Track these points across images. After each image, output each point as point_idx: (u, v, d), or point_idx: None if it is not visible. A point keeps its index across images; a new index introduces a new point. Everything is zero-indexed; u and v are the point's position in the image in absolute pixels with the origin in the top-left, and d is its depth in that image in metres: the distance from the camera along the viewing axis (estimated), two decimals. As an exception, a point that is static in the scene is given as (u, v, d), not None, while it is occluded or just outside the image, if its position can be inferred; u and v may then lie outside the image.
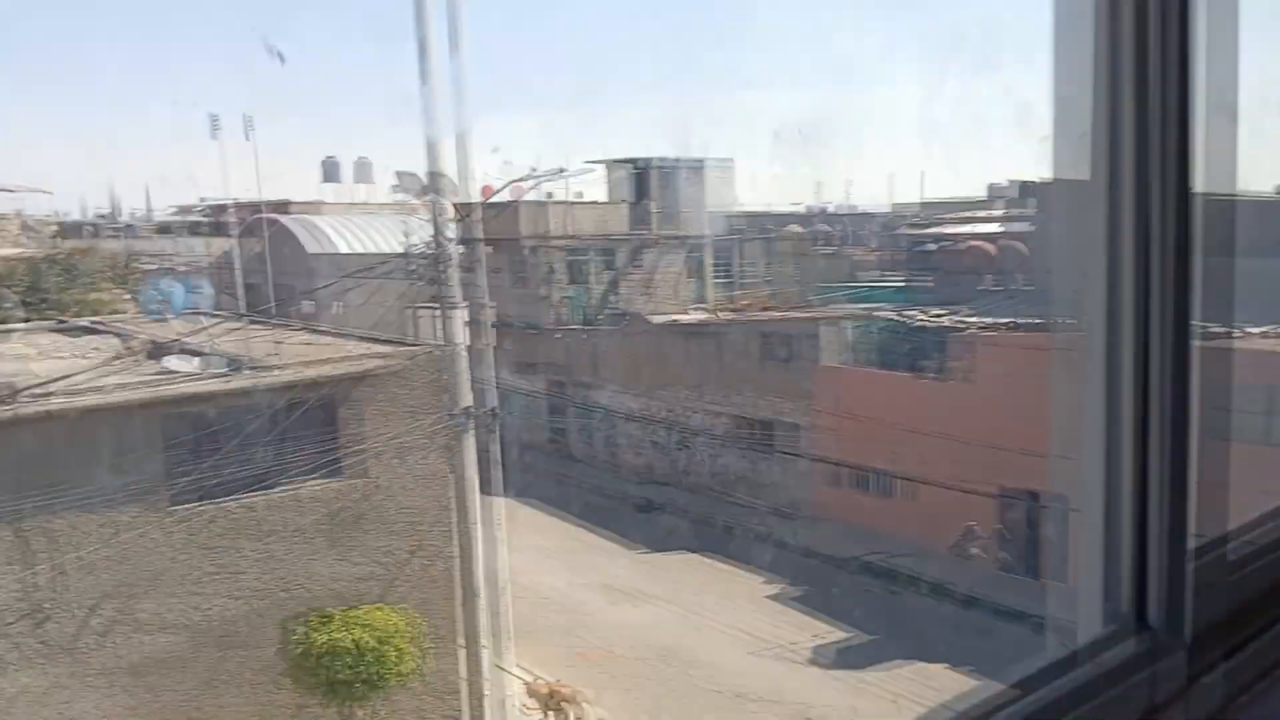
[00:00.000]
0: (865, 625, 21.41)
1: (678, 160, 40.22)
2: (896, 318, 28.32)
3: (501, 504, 28.69)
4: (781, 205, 49.28)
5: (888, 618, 22.03)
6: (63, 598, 13.03)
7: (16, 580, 12.65)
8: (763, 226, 48.62)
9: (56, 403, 12.94)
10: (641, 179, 40.16)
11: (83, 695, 13.24)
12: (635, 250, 38.80)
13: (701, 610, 22.51)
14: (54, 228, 54.57)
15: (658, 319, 34.32)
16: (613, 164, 40.71)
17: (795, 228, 49.44)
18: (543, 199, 37.43)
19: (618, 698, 18.54)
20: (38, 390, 12.96)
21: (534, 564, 25.21)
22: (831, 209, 55.92)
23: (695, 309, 38.79)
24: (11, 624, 12.66)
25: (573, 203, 40.52)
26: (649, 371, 33.22)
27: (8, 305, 28.51)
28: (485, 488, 15.69)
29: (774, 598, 22.93)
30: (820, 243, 47.31)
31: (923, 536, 24.98)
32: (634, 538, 27.38)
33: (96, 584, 13.28)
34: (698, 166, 40.72)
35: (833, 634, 21.09)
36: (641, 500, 30.51)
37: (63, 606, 13.04)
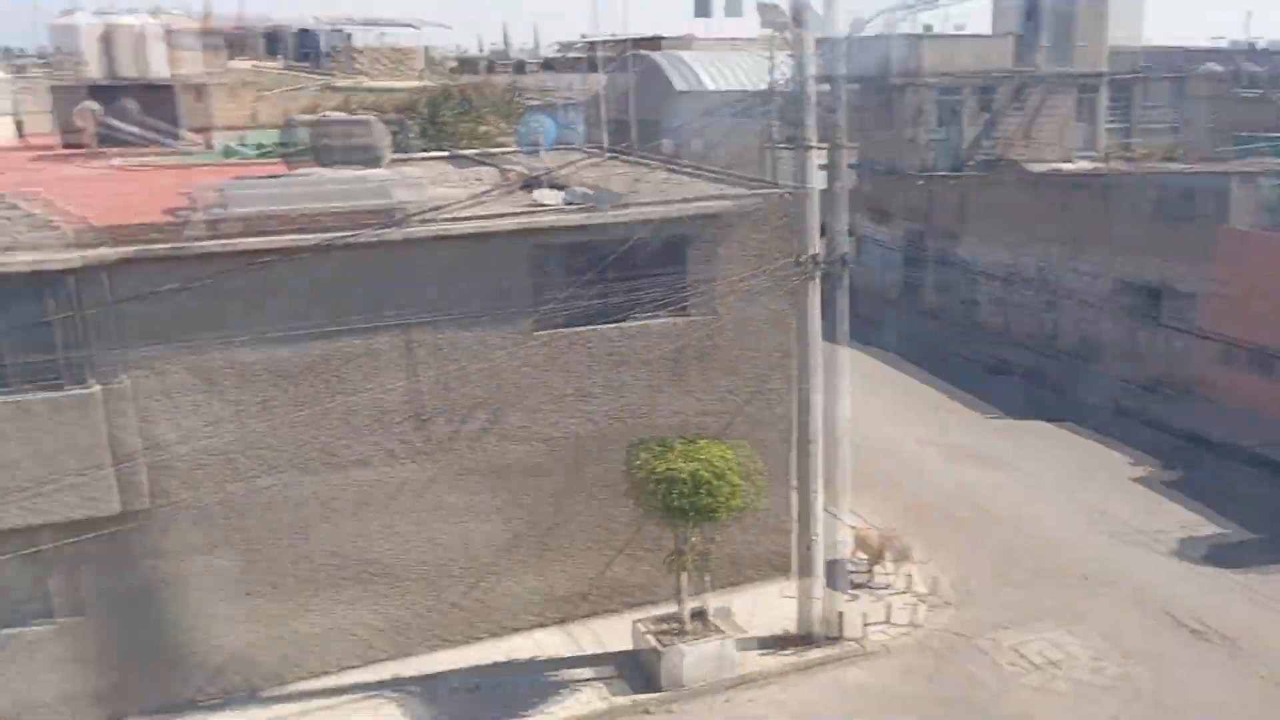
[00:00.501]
0: (1250, 522, 19.16)
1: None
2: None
3: (846, 353, 28.43)
4: (1198, 40, 42.72)
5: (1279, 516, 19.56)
6: (442, 404, 14.53)
7: (405, 386, 14.22)
8: (1172, 64, 42.65)
9: (441, 228, 14.08)
10: (1032, 8, 36.28)
11: (454, 490, 14.87)
12: (1017, 90, 35.54)
13: (1053, 482, 21.21)
14: (453, 63, 59.19)
15: (1037, 167, 31.50)
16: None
17: (1213, 66, 43.05)
18: (917, 31, 35.04)
19: (952, 559, 18.09)
20: (427, 215, 14.14)
21: (875, 416, 24.80)
22: (1261, 45, 48.14)
23: (1082, 157, 35.18)
24: (399, 423, 14.32)
25: (951, 36, 37.59)
26: (1020, 225, 30.75)
27: (411, 135, 31.45)
28: (831, 335, 15.36)
29: (1140, 480, 21.10)
30: (1243, 85, 41.02)
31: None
32: (984, 400, 26.12)
33: (470, 395, 14.67)
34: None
35: (1208, 528, 19.09)
36: (996, 361, 28.83)
37: (441, 412, 14.56)
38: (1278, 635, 15.55)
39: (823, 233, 15.12)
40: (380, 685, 14.47)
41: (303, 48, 41.88)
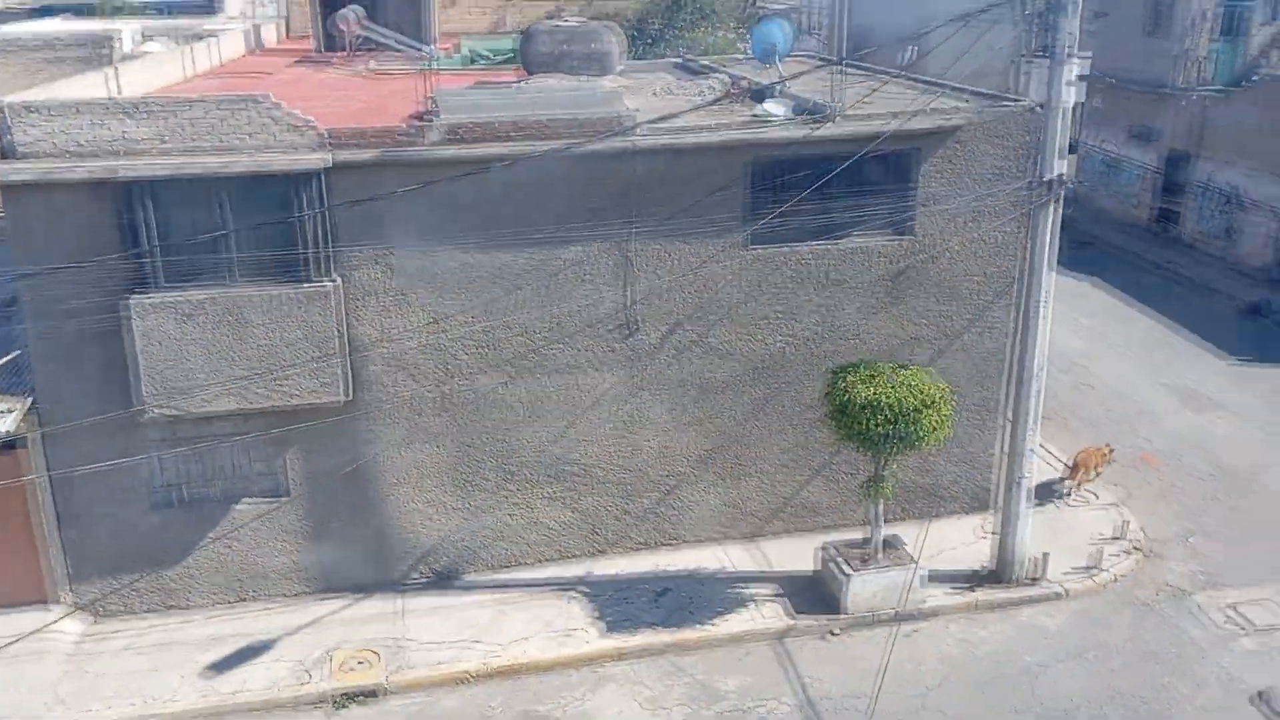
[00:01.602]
0: None
1: None
2: None
3: (1082, 286, 26.70)
4: None
5: None
6: (650, 315, 14.85)
7: (616, 295, 14.60)
8: None
9: (665, 139, 14.17)
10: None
11: (657, 400, 15.26)
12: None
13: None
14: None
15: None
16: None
17: None
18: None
19: (1175, 509, 16.97)
20: (654, 124, 14.26)
21: (1112, 353, 23.38)
22: None
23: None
24: (609, 331, 14.77)
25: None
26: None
27: (647, 42, 31.52)
28: (1063, 265, 14.46)
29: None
30: None
31: None
32: (1234, 342, 23.86)
33: (679, 308, 14.89)
34: None
35: None
36: (1255, 301, 26.15)
37: (650, 322, 14.88)
38: None
39: (1073, 150, 14.12)
40: (572, 581, 15.27)
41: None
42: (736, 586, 15.07)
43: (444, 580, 15.31)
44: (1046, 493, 17.00)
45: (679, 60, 23.77)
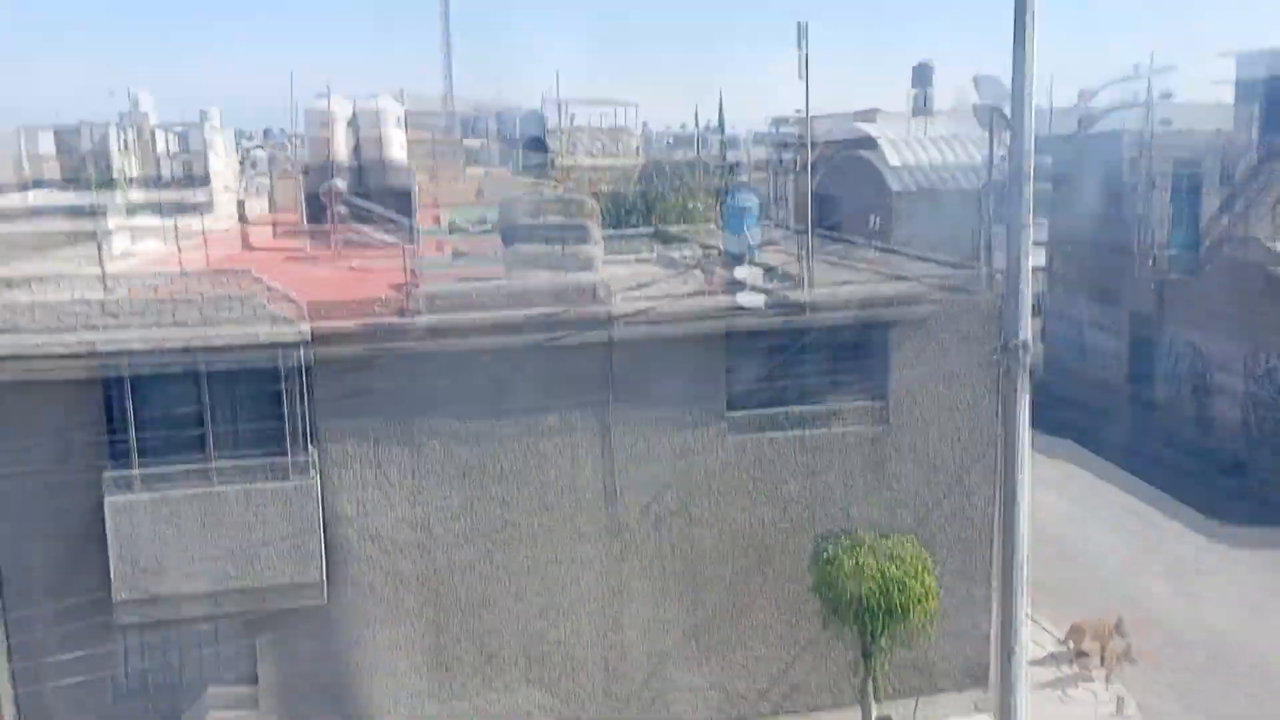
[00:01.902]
0: None
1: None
2: None
3: (1058, 448, 26.81)
4: None
5: None
6: (632, 486, 14.74)
7: (598, 466, 14.53)
8: None
9: (639, 307, 14.42)
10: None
11: (639, 573, 14.97)
12: (1261, 164, 32.90)
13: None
14: (669, 139, 60.84)
15: (1274, 249, 28.89)
16: (1246, 59, 34.67)
17: None
18: (1145, 102, 33.24)
19: (1170, 690, 16.52)
20: (629, 294, 14.53)
21: (1085, 518, 23.27)
22: None
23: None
24: (590, 502, 14.62)
25: (1187, 106, 35.44)
26: (1264, 311, 28.22)
27: (622, 211, 32.46)
28: (1037, 430, 14.54)
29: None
30: None
31: None
32: (1213, 506, 23.79)
33: (660, 478, 14.81)
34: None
35: None
36: (1231, 463, 26.27)
37: (630, 491, 14.76)
38: None
39: (1036, 313, 14.44)
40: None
41: (527, 129, 44.26)
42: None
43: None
44: (1047, 666, 16.55)
45: (654, 229, 24.46)
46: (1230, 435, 28.27)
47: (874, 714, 13.97)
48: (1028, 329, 14.16)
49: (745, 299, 15.71)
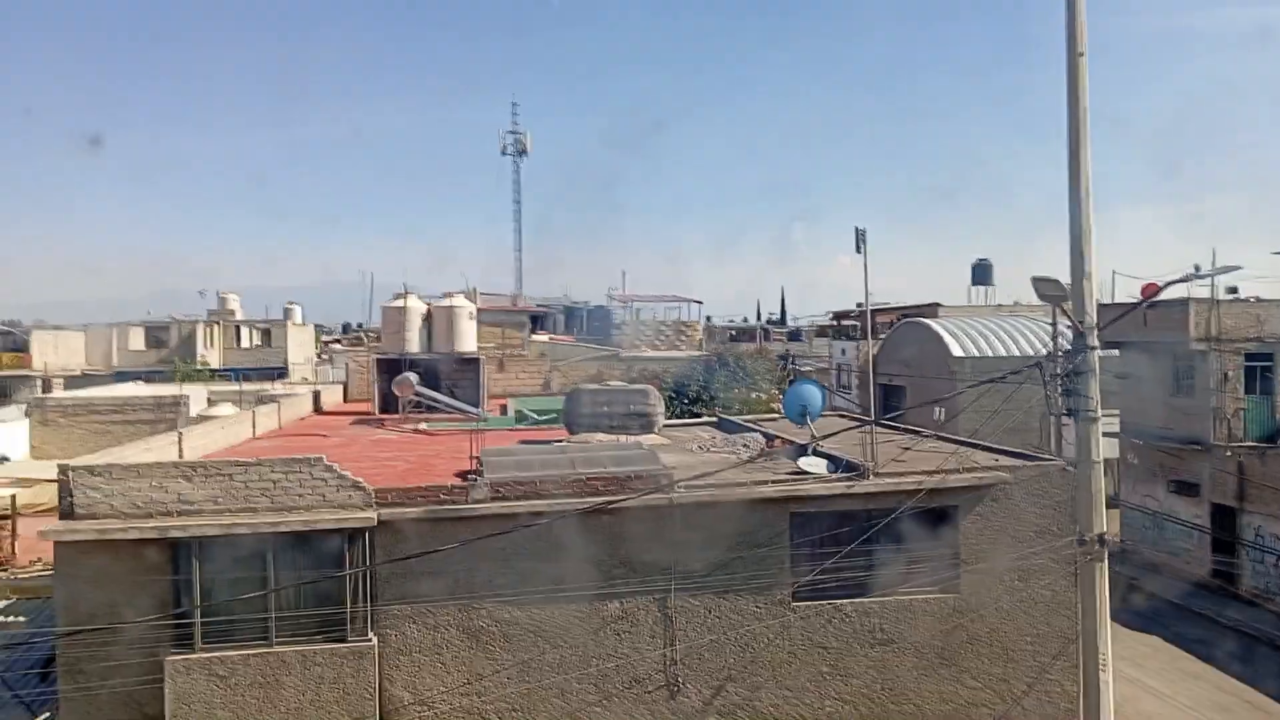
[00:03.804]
0: None
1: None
2: None
3: (1144, 644, 25.53)
4: None
5: None
6: (694, 674, 14.32)
7: (659, 654, 14.20)
8: None
9: (704, 493, 14.40)
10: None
11: (700, 768, 14.34)
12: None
13: None
14: (732, 332, 62.13)
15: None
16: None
17: None
18: (1213, 296, 33.23)
19: None
20: (693, 481, 14.55)
21: (1173, 716, 21.87)
22: None
23: None
24: (651, 692, 14.21)
25: (1253, 300, 35.31)
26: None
27: (686, 401, 32.88)
28: (1118, 621, 13.96)
29: None
30: None
31: None
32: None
33: (724, 667, 14.40)
34: None
35: None
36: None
37: (693, 682, 14.33)
38: None
39: (1113, 505, 14.10)
40: None
41: (594, 321, 45.64)
42: None
43: None
44: None
45: (716, 419, 24.63)
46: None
47: None
48: (1103, 521, 13.88)
49: (809, 463, 15.66)
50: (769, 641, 14.50)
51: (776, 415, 24.88)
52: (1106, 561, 13.87)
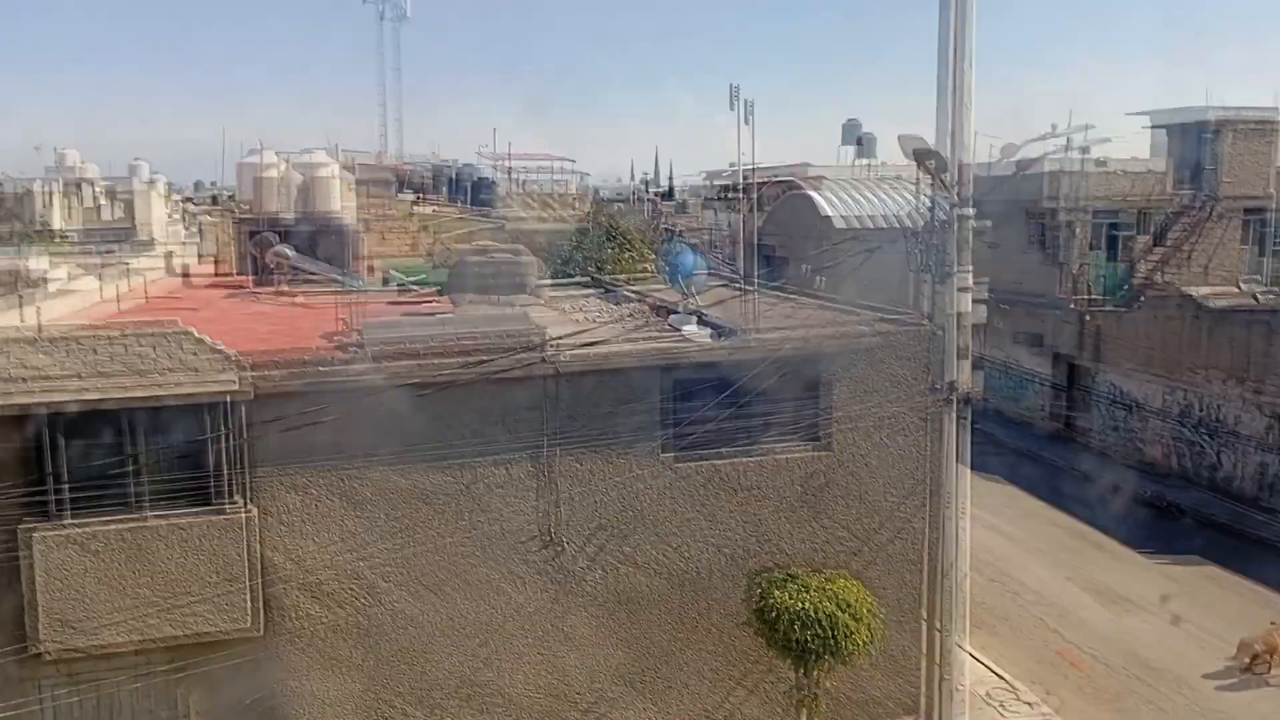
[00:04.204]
0: None
1: (1241, 111, 34.65)
2: None
3: (987, 486, 27.44)
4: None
5: None
6: (573, 530, 14.75)
7: (537, 511, 14.52)
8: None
9: (583, 357, 14.54)
10: (1191, 136, 35.26)
11: (580, 616, 14.91)
12: (1175, 217, 34.38)
13: (1215, 630, 19.66)
14: (606, 193, 61.55)
15: (1198, 295, 30.16)
16: (1160, 118, 36.28)
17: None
18: (1064, 159, 34.53)
19: (1100, 711, 16.90)
20: (561, 342, 14.67)
21: (1017, 552, 23.82)
22: None
23: (1247, 284, 33.52)
24: (530, 548, 14.58)
25: (1101, 164, 36.85)
26: (1180, 355, 29.37)
27: (558, 263, 32.70)
28: (973, 468, 14.95)
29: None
30: None
31: None
32: (1140, 539, 24.58)
33: (601, 522, 14.83)
34: (1270, 120, 34.66)
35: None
36: (1154, 498, 27.25)
37: (572, 536, 14.76)
38: None
39: (979, 367, 14.89)
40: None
41: (479, 193, 44.49)
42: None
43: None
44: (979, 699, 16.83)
45: (599, 286, 24.65)
46: (1152, 471, 29.33)
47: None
48: (955, 370, 14.67)
49: (688, 329, 15.99)
50: (648, 499, 14.97)
51: (659, 283, 25.06)
52: (956, 408, 14.75)
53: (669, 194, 63.79)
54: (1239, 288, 32.06)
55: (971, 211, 14.66)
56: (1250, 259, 35.04)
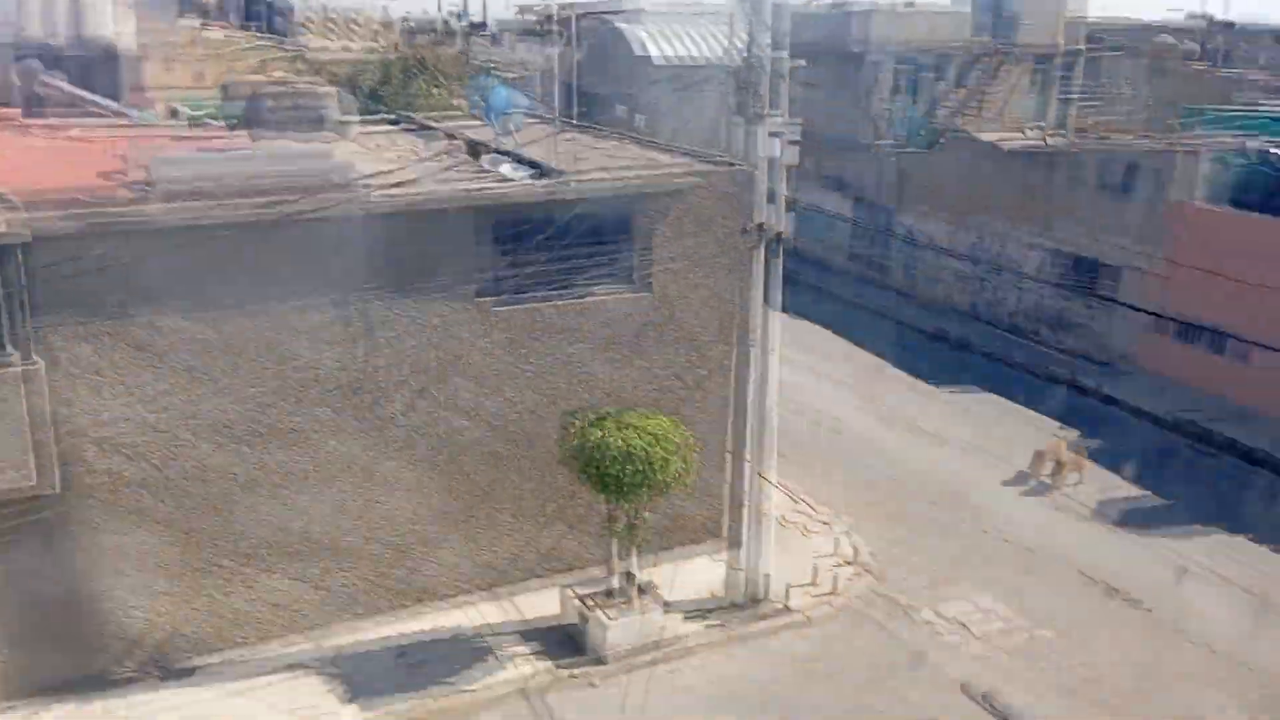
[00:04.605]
0: (1164, 488, 19.99)
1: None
2: (1276, 151, 24.45)
3: (792, 325, 28.69)
4: (1155, 13, 43.08)
5: (1194, 482, 20.44)
6: (385, 377, 14.46)
7: (346, 359, 14.11)
8: (1130, 37, 43.08)
9: (384, 195, 13.95)
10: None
11: (393, 462, 14.81)
12: (972, 62, 35.71)
13: (985, 450, 21.70)
14: (411, 24, 58.21)
15: (987, 139, 31.73)
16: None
17: (1165, 39, 43.49)
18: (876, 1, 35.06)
19: (883, 525, 18.48)
20: (371, 182, 14.01)
21: (817, 385, 25.21)
22: (1218, 17, 48.58)
23: (1032, 130, 35.49)
24: (341, 396, 14.22)
25: (910, 5, 37.64)
26: (969, 197, 31.08)
27: (362, 99, 31.02)
28: (775, 307, 15.52)
29: (1070, 448, 21.62)
30: (1195, 58, 41.53)
31: (1258, 403, 22.48)
32: (924, 370, 26.54)
33: (415, 368, 14.58)
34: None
35: (1126, 492, 19.80)
36: (939, 332, 29.29)
37: (392, 384, 14.49)
38: (1182, 594, 16.39)
39: (791, 208, 15.18)
40: (321, 659, 14.46)
41: (253, 8, 41.08)
42: (483, 641, 14.83)
43: (179, 674, 14.04)
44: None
45: (410, 124, 23.58)
46: (945, 308, 31.45)
47: (619, 575, 14.69)
48: (765, 212, 14.98)
49: (504, 169, 15.61)
50: (469, 344, 14.80)
51: (474, 120, 24.18)
52: (766, 250, 15.15)
53: (481, 25, 61.00)
54: (1025, 133, 33.87)
55: (785, 54, 14.69)
56: (1038, 105, 37.01)
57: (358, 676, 14.03)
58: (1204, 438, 22.22)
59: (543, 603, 15.48)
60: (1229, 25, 44.87)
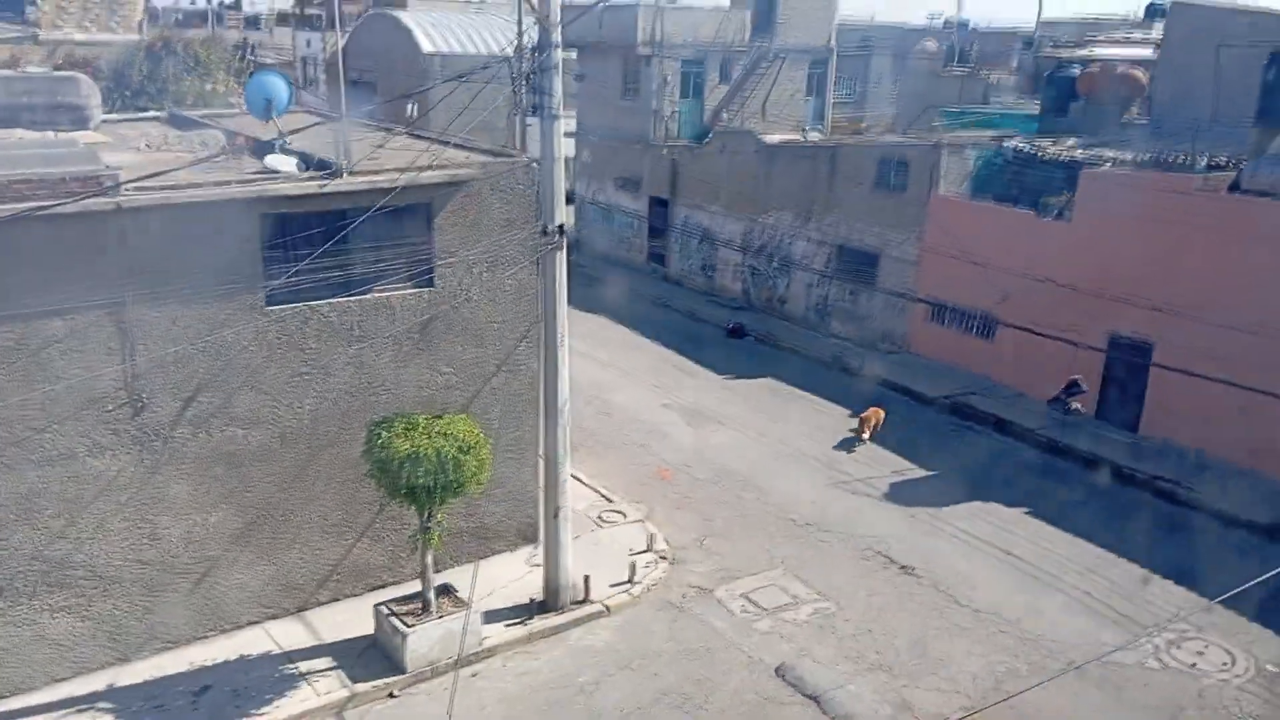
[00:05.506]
0: (937, 464, 21.35)
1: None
2: (1025, 147, 26.58)
3: (588, 320, 29.04)
4: (919, 18, 45.84)
5: (954, 454, 21.93)
6: (161, 389, 13.55)
7: (117, 370, 13.14)
8: (895, 41, 45.83)
9: (158, 195, 13.07)
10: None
11: (177, 480, 13.95)
12: (754, 63, 37.02)
13: (780, 437, 22.61)
14: (178, 15, 54.96)
15: (769, 138, 32.98)
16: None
17: (929, 44, 46.49)
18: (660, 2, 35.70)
19: (691, 516, 18.92)
20: (143, 182, 13.08)
21: (618, 381, 25.60)
22: (973, 25, 52.35)
23: (811, 129, 37.16)
24: (112, 411, 13.25)
25: (691, 8, 38.57)
26: (754, 193, 32.24)
27: (127, 92, 29.03)
28: (574, 305, 15.57)
29: (854, 431, 22.81)
30: (954, 62, 44.57)
31: (1021, 383, 24.42)
32: (720, 363, 27.43)
33: (194, 377, 13.74)
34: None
35: (910, 472, 21.02)
36: (733, 325, 30.32)
37: (160, 396, 13.58)
38: (949, 559, 17.68)
39: (570, 201, 15.19)
40: (94, 697, 13.44)
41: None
42: (288, 666, 14.17)
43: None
44: (584, 521, 18.13)
45: (166, 113, 22.21)
46: (731, 301, 32.59)
47: (435, 585, 14.40)
48: (561, 214, 14.99)
49: (275, 161, 14.92)
50: (243, 348, 14.05)
51: (237, 110, 22.98)
52: (565, 250, 15.17)
53: (255, 21, 58.36)
54: (803, 135, 35.39)
55: (574, 54, 14.72)
56: (814, 108, 38.78)
57: (150, 715, 13.13)
58: (963, 412, 23.94)
59: (352, 622, 14.98)
60: (974, 30, 48.61)
